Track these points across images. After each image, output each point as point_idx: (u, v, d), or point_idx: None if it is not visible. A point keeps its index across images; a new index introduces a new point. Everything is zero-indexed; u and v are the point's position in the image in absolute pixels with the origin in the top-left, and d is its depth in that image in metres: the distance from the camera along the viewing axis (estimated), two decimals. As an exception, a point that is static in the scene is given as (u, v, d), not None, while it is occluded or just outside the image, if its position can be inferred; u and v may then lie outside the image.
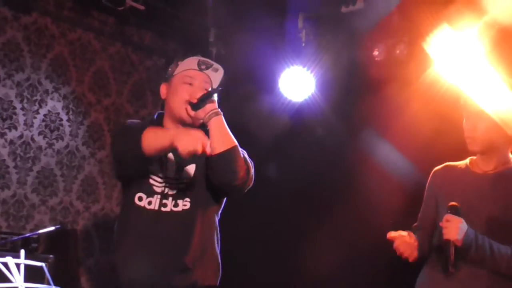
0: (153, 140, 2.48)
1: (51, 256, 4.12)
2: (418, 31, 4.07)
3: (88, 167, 5.16)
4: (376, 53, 4.28)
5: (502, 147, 2.66)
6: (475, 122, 2.64)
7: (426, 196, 2.85)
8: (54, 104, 4.98)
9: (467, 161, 2.76)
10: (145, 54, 5.51)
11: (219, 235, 2.69)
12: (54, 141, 4.97)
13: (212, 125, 2.50)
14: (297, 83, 4.45)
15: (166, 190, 2.60)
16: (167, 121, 2.69)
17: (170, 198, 2.58)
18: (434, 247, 2.71)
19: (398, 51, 4.20)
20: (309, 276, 4.75)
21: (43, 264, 3.39)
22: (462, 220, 2.50)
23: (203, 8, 4.75)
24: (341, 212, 4.56)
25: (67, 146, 5.04)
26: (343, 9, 4.29)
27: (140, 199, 2.60)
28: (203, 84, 2.62)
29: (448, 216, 2.51)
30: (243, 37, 4.97)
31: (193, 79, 2.62)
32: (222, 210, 2.75)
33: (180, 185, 2.60)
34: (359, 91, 4.43)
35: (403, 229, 2.70)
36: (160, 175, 2.62)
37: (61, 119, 5.02)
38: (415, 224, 2.84)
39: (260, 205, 4.81)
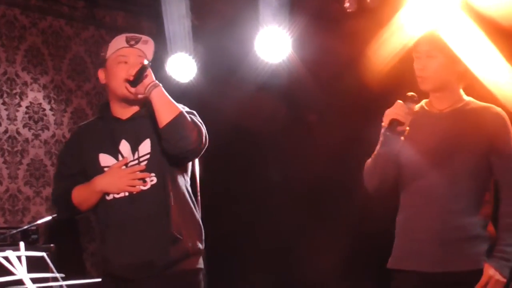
0: (82, 198, 2.67)
1: (51, 245, 4.16)
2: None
3: (77, 153, 5.17)
4: (347, 4, 4.26)
5: (455, 85, 2.70)
6: (425, 61, 2.66)
7: None
8: (35, 95, 4.96)
9: (422, 103, 2.76)
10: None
11: (194, 199, 2.73)
12: (40, 131, 4.97)
13: (154, 98, 2.54)
14: (273, 44, 4.43)
15: None
16: (113, 105, 2.70)
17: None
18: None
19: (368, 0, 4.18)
20: (309, 271, 4.66)
21: (44, 254, 3.40)
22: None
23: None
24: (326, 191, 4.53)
25: (53, 136, 5.05)
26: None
27: (108, 193, 2.63)
28: (137, 58, 2.62)
29: None
30: (216, 5, 4.93)
31: (127, 57, 2.63)
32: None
33: (142, 164, 2.63)
34: (335, 47, 4.39)
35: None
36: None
37: (44, 109, 5.01)
38: None
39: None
